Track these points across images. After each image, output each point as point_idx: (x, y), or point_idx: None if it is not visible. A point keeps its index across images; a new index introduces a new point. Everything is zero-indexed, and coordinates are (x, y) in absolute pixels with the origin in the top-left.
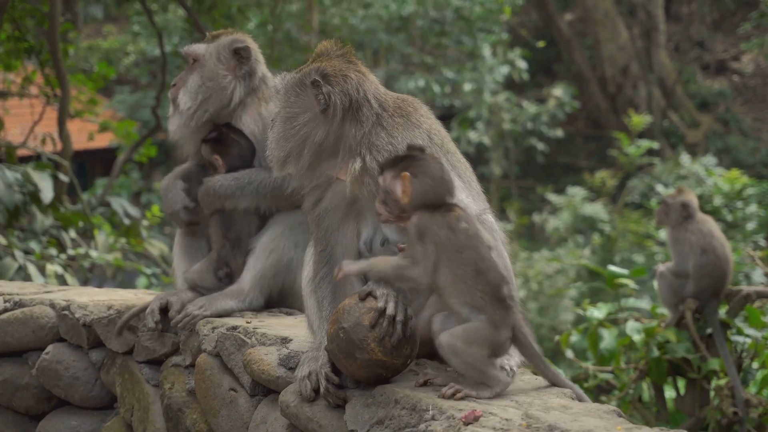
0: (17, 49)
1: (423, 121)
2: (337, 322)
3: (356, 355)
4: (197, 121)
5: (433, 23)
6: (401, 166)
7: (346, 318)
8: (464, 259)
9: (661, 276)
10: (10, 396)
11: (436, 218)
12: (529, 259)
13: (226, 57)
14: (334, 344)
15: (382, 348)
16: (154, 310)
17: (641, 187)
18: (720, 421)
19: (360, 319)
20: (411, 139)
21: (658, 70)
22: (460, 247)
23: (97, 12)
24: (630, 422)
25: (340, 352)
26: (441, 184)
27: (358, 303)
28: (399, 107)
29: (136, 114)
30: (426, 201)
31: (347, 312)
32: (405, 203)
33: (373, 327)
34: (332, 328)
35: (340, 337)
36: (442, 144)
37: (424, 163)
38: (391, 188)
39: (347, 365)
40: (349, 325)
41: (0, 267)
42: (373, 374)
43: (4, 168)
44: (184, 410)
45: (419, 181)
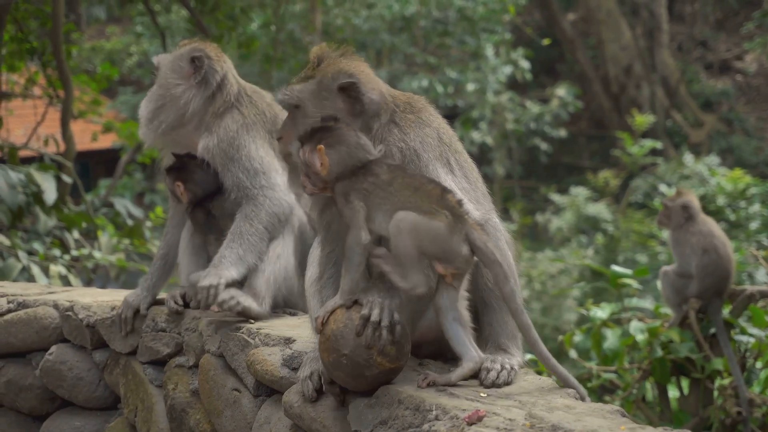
0: (20, 50)
1: (432, 120)
2: (335, 350)
3: (365, 374)
4: (156, 131)
5: (436, 23)
6: (316, 138)
7: (343, 343)
8: (397, 188)
9: (665, 275)
10: (13, 396)
11: (357, 177)
12: (532, 259)
13: (181, 66)
14: (338, 371)
15: (387, 357)
16: (175, 296)
17: (644, 186)
18: (724, 420)
19: (357, 341)
20: (423, 137)
21: (661, 70)
22: (386, 182)
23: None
24: (634, 422)
25: (348, 375)
26: (357, 150)
27: (347, 323)
28: (409, 104)
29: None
30: (345, 169)
31: (341, 336)
32: (324, 175)
33: (370, 345)
34: (331, 357)
35: (344, 363)
36: (450, 143)
37: (338, 132)
38: (310, 161)
39: (357, 385)
40: (350, 350)
41: (4, 268)
42: (384, 381)
43: (7, 169)
44: (187, 410)
45: (335, 151)
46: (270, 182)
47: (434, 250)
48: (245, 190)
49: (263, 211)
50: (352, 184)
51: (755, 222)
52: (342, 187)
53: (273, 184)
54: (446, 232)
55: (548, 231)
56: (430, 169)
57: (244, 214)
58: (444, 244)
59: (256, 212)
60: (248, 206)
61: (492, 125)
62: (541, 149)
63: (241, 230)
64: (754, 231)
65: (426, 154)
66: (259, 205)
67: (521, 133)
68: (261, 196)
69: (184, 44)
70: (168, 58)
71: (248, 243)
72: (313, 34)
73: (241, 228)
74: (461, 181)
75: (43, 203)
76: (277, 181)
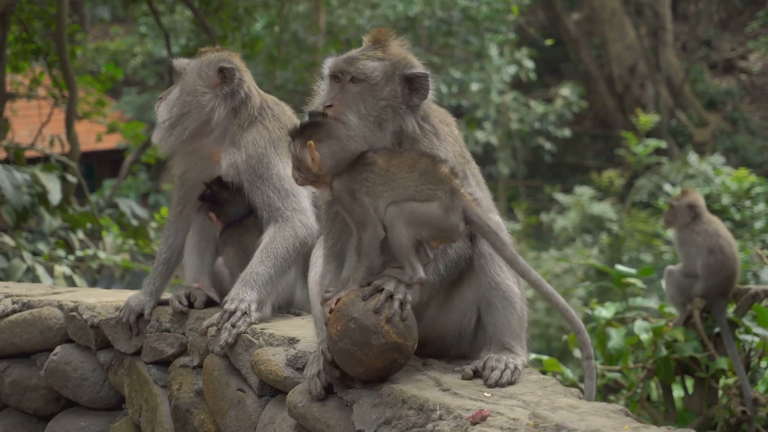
0: (25, 51)
1: (457, 133)
2: (343, 317)
3: (372, 341)
4: (179, 137)
5: (440, 23)
6: (306, 134)
7: (353, 309)
8: (394, 171)
9: (669, 275)
10: (18, 397)
11: (355, 170)
12: (537, 258)
13: (208, 74)
14: (345, 340)
15: (395, 329)
16: (180, 296)
17: (649, 186)
18: (728, 420)
19: (366, 305)
20: (453, 152)
21: (665, 70)
22: (383, 169)
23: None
24: (637, 421)
25: (354, 344)
26: (348, 142)
27: (357, 295)
28: (441, 112)
29: (143, 115)
30: (338, 162)
31: (351, 304)
32: (317, 170)
33: (379, 310)
34: (339, 325)
35: (352, 328)
36: (464, 154)
37: (327, 127)
38: (301, 157)
39: (363, 357)
40: (358, 314)
41: (8, 268)
42: (390, 360)
43: (12, 169)
44: (192, 411)
45: (325, 145)
46: (301, 206)
47: (431, 233)
48: (277, 211)
49: (297, 238)
50: (352, 178)
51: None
52: (344, 184)
53: (303, 208)
54: (442, 213)
55: (553, 231)
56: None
57: (280, 236)
58: (440, 224)
59: (291, 237)
60: (284, 229)
61: (496, 125)
62: (546, 149)
63: (276, 252)
64: (759, 230)
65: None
66: (292, 228)
67: (525, 132)
68: (296, 221)
69: (208, 51)
70: (194, 64)
71: (280, 267)
72: (317, 34)
73: (276, 250)
74: (477, 191)
75: (48, 204)
76: (306, 205)
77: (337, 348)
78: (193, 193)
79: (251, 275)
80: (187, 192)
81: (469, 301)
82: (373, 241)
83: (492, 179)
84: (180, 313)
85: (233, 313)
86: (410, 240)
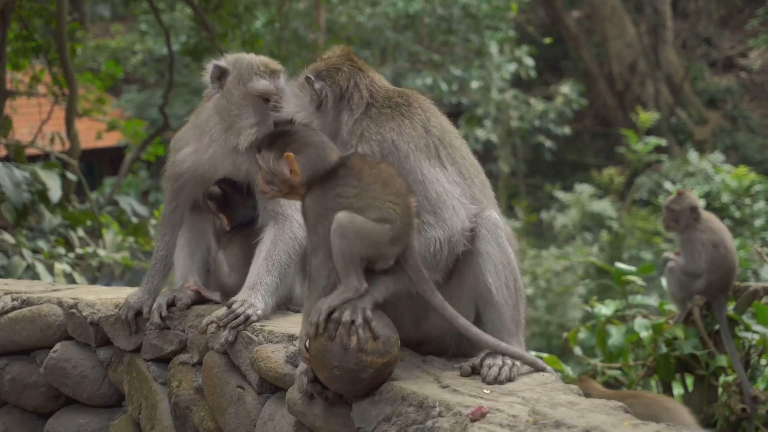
0: (25, 48)
1: (415, 113)
2: (325, 366)
3: (362, 376)
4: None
5: (440, 21)
6: (280, 144)
7: (330, 357)
8: (367, 181)
9: (671, 271)
10: (18, 394)
11: (329, 185)
12: (537, 256)
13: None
14: (336, 384)
15: (376, 353)
16: (161, 305)
17: (649, 184)
18: (728, 417)
19: (340, 349)
20: (401, 128)
21: (665, 67)
22: (356, 174)
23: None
24: (637, 418)
25: (347, 384)
26: (323, 150)
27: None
28: (389, 98)
29: (143, 113)
30: (316, 171)
31: (326, 351)
32: (297, 181)
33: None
34: (324, 372)
35: (337, 375)
36: (442, 137)
37: (300, 135)
38: (277, 169)
39: (357, 389)
40: (338, 360)
41: (8, 266)
42: (382, 378)
43: (12, 167)
44: (191, 408)
45: (304, 155)
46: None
47: (369, 254)
48: (280, 208)
49: (296, 240)
50: (325, 193)
51: (760, 219)
52: (316, 200)
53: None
54: (388, 240)
55: (553, 228)
56: (411, 160)
57: (281, 240)
58: (380, 248)
59: (291, 240)
60: (284, 231)
61: (496, 123)
62: (546, 147)
63: (281, 259)
64: (759, 228)
65: (405, 145)
66: (291, 229)
67: (526, 130)
68: (295, 221)
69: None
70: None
71: (284, 274)
72: (318, 31)
73: (280, 257)
74: (452, 175)
75: (48, 201)
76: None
77: (333, 387)
78: (187, 188)
79: (261, 284)
80: (181, 186)
81: (467, 299)
82: (320, 267)
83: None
84: (157, 326)
85: (239, 315)
86: (360, 251)
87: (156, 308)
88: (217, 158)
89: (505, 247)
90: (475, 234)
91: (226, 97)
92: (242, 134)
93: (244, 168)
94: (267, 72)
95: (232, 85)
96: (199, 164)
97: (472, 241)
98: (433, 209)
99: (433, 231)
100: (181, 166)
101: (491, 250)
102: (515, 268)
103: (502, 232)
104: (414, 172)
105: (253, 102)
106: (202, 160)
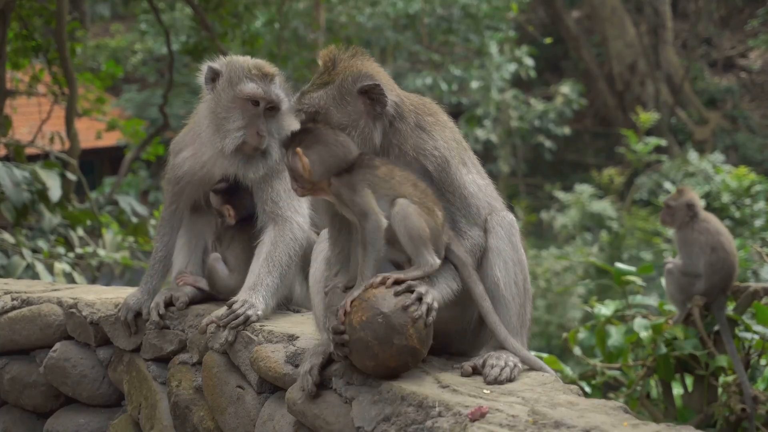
0: (25, 48)
1: (447, 120)
2: (371, 309)
3: (394, 340)
4: None
5: (440, 21)
6: (295, 142)
7: (383, 304)
8: (399, 181)
9: (669, 273)
10: (18, 394)
11: (355, 172)
12: (537, 256)
13: None
14: (366, 331)
15: (417, 334)
16: (159, 304)
17: (649, 184)
18: (728, 417)
19: (398, 303)
20: (446, 140)
21: (665, 68)
22: (386, 174)
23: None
24: (636, 418)
25: (376, 338)
26: (335, 147)
27: (389, 290)
28: (424, 105)
29: (143, 112)
30: (330, 166)
31: (382, 298)
32: (309, 176)
33: (409, 311)
34: (365, 315)
35: (378, 322)
36: (461, 142)
37: (315, 133)
38: (293, 166)
39: (379, 353)
40: (389, 309)
41: (8, 265)
42: (402, 362)
43: (12, 167)
44: (191, 407)
45: (313, 151)
46: (301, 210)
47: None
48: (280, 209)
49: (296, 241)
50: (352, 177)
51: (760, 219)
52: (343, 181)
53: (303, 212)
54: (439, 228)
55: (553, 228)
56: (457, 176)
57: (281, 242)
58: (436, 233)
59: (291, 241)
60: (283, 233)
61: (496, 123)
62: (546, 147)
63: (281, 260)
64: (759, 228)
65: (453, 160)
66: (291, 231)
67: (525, 130)
68: (294, 222)
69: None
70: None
71: (284, 275)
72: (317, 31)
73: (281, 258)
74: (477, 178)
75: (48, 201)
76: (305, 210)
77: (355, 336)
78: (187, 190)
79: (261, 285)
80: (181, 189)
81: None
82: (377, 230)
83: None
84: (156, 324)
85: (239, 315)
86: (427, 227)
87: (154, 307)
88: (213, 161)
89: (519, 246)
90: (489, 230)
91: (215, 100)
92: (228, 137)
93: (239, 170)
94: (258, 75)
95: (222, 87)
96: (197, 167)
97: (485, 237)
98: (470, 209)
99: (473, 230)
100: (180, 170)
101: (503, 247)
102: (525, 267)
103: (517, 232)
104: (454, 177)
105: (242, 105)
106: (199, 163)
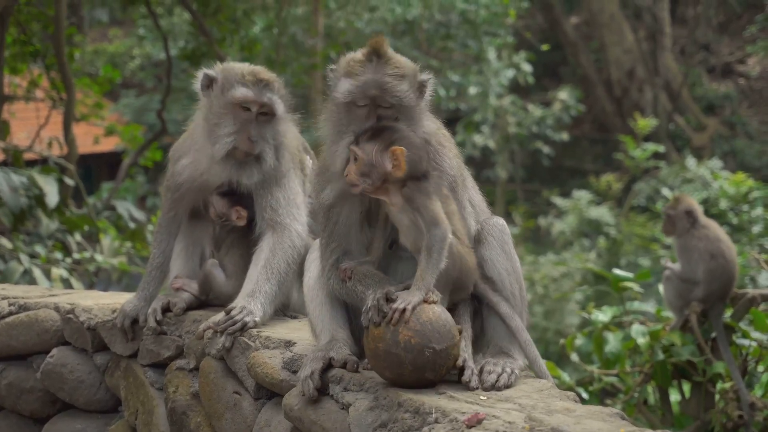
0: (23, 53)
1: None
2: (424, 336)
3: (426, 374)
4: None
5: (438, 27)
6: (386, 139)
7: (437, 339)
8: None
9: (667, 279)
10: (14, 399)
11: (431, 181)
12: (534, 262)
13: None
14: (408, 354)
15: (445, 373)
16: (156, 310)
17: (647, 190)
18: (725, 424)
19: (450, 345)
20: (457, 161)
21: (663, 74)
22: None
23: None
24: (633, 425)
25: (413, 364)
26: (423, 149)
27: (445, 321)
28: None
29: (141, 118)
30: (413, 169)
31: (437, 332)
32: (398, 176)
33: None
34: (414, 340)
35: (425, 355)
36: (459, 159)
37: (405, 133)
38: (378, 162)
39: (405, 374)
40: (440, 347)
41: (5, 270)
42: (416, 384)
43: (9, 172)
44: (188, 413)
45: (410, 153)
46: (301, 218)
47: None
48: (279, 216)
49: (295, 249)
50: (428, 184)
51: (758, 225)
52: (421, 186)
53: (302, 220)
54: (470, 270)
55: (551, 234)
56: (464, 197)
57: (280, 249)
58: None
59: (290, 249)
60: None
61: (494, 129)
62: (544, 153)
63: (279, 268)
64: (757, 234)
65: (461, 181)
66: (290, 238)
67: (523, 136)
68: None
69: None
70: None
71: (283, 282)
72: (316, 37)
73: (279, 265)
74: (474, 195)
75: (46, 206)
76: (304, 219)
77: (394, 351)
78: (186, 197)
79: (260, 292)
80: (181, 196)
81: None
82: (444, 239)
83: (490, 183)
84: (152, 331)
85: (236, 322)
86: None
87: (151, 313)
88: (209, 168)
89: (512, 253)
90: (481, 240)
91: (209, 106)
92: (218, 143)
93: (233, 176)
94: (252, 81)
95: (216, 93)
96: (196, 175)
97: (476, 247)
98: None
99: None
100: (180, 177)
101: (496, 257)
102: (520, 275)
103: (509, 238)
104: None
105: (233, 110)
106: (198, 170)
